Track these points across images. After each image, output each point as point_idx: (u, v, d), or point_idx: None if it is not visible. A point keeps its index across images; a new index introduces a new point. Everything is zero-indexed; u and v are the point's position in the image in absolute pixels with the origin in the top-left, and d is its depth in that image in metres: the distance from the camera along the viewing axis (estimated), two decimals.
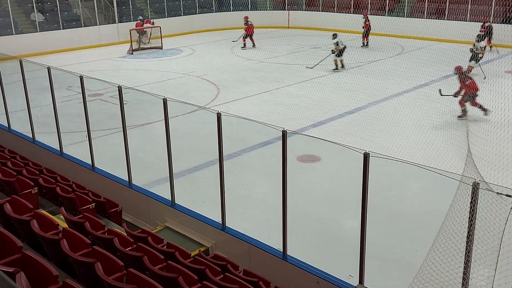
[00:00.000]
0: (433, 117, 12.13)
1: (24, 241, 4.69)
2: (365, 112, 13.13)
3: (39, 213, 5.19)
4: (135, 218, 7.78)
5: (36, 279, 3.55)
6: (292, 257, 5.94)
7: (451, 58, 14.43)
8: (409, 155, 8.27)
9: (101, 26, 24.06)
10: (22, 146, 10.02)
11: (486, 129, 9.79)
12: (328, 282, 5.50)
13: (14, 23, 21.88)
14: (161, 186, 8.33)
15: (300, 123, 11.94)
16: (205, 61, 20.07)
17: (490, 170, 7.70)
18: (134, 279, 4.00)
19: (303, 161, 9.95)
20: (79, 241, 4.56)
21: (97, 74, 15.52)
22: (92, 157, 8.57)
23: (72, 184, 7.65)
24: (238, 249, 6.48)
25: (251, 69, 18.48)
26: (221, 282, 4.69)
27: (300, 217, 7.55)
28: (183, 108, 10.31)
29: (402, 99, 14.04)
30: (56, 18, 23.12)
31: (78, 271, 4.18)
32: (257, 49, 21.63)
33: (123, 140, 7.90)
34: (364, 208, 5.10)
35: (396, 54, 20.92)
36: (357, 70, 17.93)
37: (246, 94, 14.86)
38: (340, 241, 7.29)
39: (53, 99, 9.02)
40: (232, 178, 8.83)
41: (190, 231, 7.02)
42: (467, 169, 7.19)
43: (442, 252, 5.42)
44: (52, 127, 9.33)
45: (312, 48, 22.49)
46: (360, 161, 4.97)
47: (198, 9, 28.00)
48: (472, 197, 4.30)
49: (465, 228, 4.55)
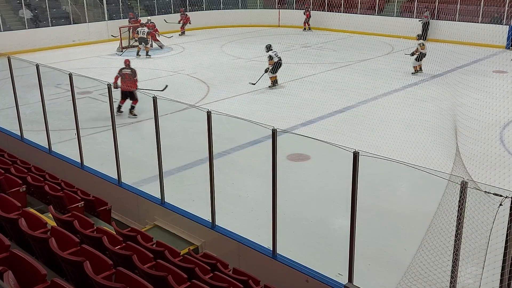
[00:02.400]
0: (422, 116, 12.20)
1: (12, 239, 4.66)
2: (354, 111, 13.18)
3: (27, 212, 5.15)
4: (125, 216, 7.75)
5: (24, 278, 3.52)
6: (281, 255, 5.96)
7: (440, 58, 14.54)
8: (398, 154, 8.31)
9: (90, 23, 23.87)
10: (10, 144, 9.93)
11: (474, 128, 9.86)
12: (318, 281, 5.52)
13: (2, 19, 21.64)
14: (150, 184, 8.30)
15: (290, 121, 11.96)
16: (195, 59, 20.02)
17: (478, 169, 7.76)
18: (123, 278, 3.98)
19: (293, 160, 9.97)
20: (67, 240, 4.53)
21: (86, 72, 15.39)
22: (81, 155, 8.52)
23: (61, 183, 7.59)
24: (227, 247, 6.48)
25: (241, 67, 18.47)
26: (210, 281, 4.69)
27: (289, 216, 7.56)
28: (173, 106, 10.29)
29: (391, 98, 14.12)
30: (45, 15, 22.91)
31: (66, 270, 4.15)
32: (247, 48, 21.59)
33: (113, 138, 7.86)
34: (354, 206, 5.12)
35: (385, 53, 21.02)
36: (346, 69, 17.99)
37: (236, 92, 14.85)
38: (330, 239, 7.32)
39: (42, 96, 8.95)
40: (222, 177, 8.84)
41: (179, 230, 7.00)
42: (456, 168, 7.23)
43: (431, 250, 5.45)
44: (40, 124, 9.26)
45: (302, 47, 22.54)
46: (349, 160, 4.99)
47: (188, 7, 27.91)
48: (461, 196, 4.34)
49: (453, 226, 4.59)
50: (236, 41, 23.94)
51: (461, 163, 7.03)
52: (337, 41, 23.80)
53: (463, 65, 17.37)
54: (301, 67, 18.15)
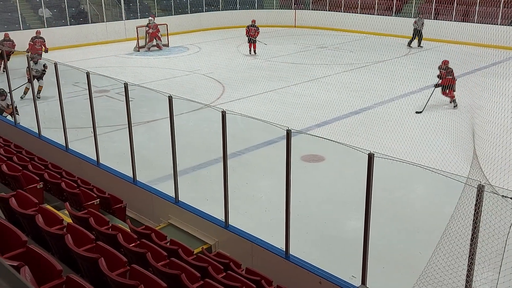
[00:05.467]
0: (439, 118, 12.08)
1: (28, 235, 4.71)
2: (370, 112, 13.10)
3: (44, 208, 5.21)
4: (139, 214, 7.80)
5: (40, 273, 3.56)
6: (294, 256, 5.94)
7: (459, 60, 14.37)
8: (415, 157, 8.24)
9: (108, 22, 24.11)
10: (28, 141, 10.06)
11: (493, 132, 9.74)
12: (331, 282, 5.49)
13: (22, 18, 21.95)
14: (165, 183, 8.35)
15: (305, 122, 11.93)
16: (211, 59, 20.08)
17: (495, 173, 7.66)
18: (137, 275, 4.01)
19: (307, 161, 9.94)
20: (83, 237, 4.57)
21: (103, 71, 15.56)
22: (97, 153, 8.59)
23: (77, 180, 7.67)
24: (240, 247, 6.49)
25: (257, 67, 18.48)
26: (223, 280, 4.70)
27: (303, 217, 7.55)
28: (188, 106, 10.33)
29: (408, 100, 13.99)
30: (63, 14, 23.19)
31: (81, 266, 4.20)
32: (264, 47, 21.57)
33: (128, 136, 7.92)
34: (368, 209, 5.09)
35: (403, 54, 20.85)
36: (363, 70, 17.89)
37: (252, 92, 14.86)
38: (343, 241, 7.28)
39: (60, 94, 9.06)
40: (236, 177, 8.85)
41: (193, 229, 7.03)
42: (473, 171, 7.16)
43: (446, 254, 5.40)
44: (58, 122, 9.37)
45: (318, 47, 22.46)
46: (364, 162, 4.96)
47: (205, 7, 28.02)
48: (477, 200, 4.29)
49: (469, 230, 4.54)
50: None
51: (478, 166, 6.95)
52: (354, 42, 23.67)
53: (482, 67, 17.16)
54: (317, 68, 18.10)
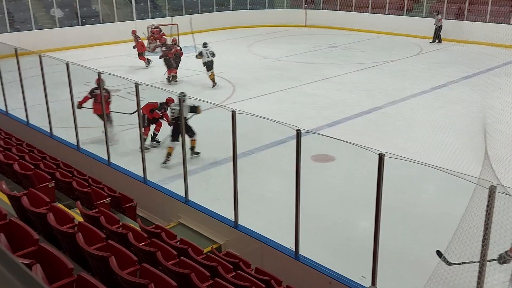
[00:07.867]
0: (450, 118, 11.99)
1: (40, 233, 4.75)
2: (381, 112, 13.03)
3: (55, 207, 5.25)
4: (149, 213, 7.84)
5: (52, 271, 3.59)
6: (304, 256, 5.93)
7: (470, 59, 14.25)
8: (426, 157, 8.17)
9: (119, 22, 24.23)
10: (40, 140, 10.15)
11: (505, 131, 9.64)
12: (341, 283, 5.48)
13: (34, 18, 22.15)
14: (175, 182, 8.38)
15: (316, 122, 11.90)
16: (221, 59, 20.08)
17: (507, 174, 7.58)
18: (147, 274, 4.03)
19: (318, 161, 9.92)
20: (94, 235, 4.60)
21: (114, 70, 15.63)
22: (108, 152, 8.65)
23: (88, 179, 7.73)
24: (250, 247, 6.49)
25: (267, 67, 18.46)
26: (233, 280, 4.70)
27: (313, 217, 7.53)
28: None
29: (419, 100, 13.90)
30: (75, 14, 23.36)
31: (92, 265, 4.22)
32: (274, 47, 21.55)
33: (139, 136, 7.96)
34: (378, 209, 5.07)
35: (414, 54, 20.72)
36: (374, 70, 17.80)
37: (262, 92, 14.86)
38: (353, 242, 7.25)
39: (71, 94, 9.13)
40: (246, 176, 8.83)
41: (203, 228, 7.05)
42: (484, 172, 7.09)
43: (457, 255, 5.36)
44: (69, 121, 9.44)
45: (329, 47, 22.40)
46: (375, 162, 4.94)
47: (216, 7, 28.05)
48: (489, 201, 4.25)
49: (480, 231, 4.50)
50: (263, 41, 23.94)
51: (490, 167, 6.88)
52: (365, 42, 23.55)
53: (494, 67, 16.99)
54: (328, 68, 18.05)
